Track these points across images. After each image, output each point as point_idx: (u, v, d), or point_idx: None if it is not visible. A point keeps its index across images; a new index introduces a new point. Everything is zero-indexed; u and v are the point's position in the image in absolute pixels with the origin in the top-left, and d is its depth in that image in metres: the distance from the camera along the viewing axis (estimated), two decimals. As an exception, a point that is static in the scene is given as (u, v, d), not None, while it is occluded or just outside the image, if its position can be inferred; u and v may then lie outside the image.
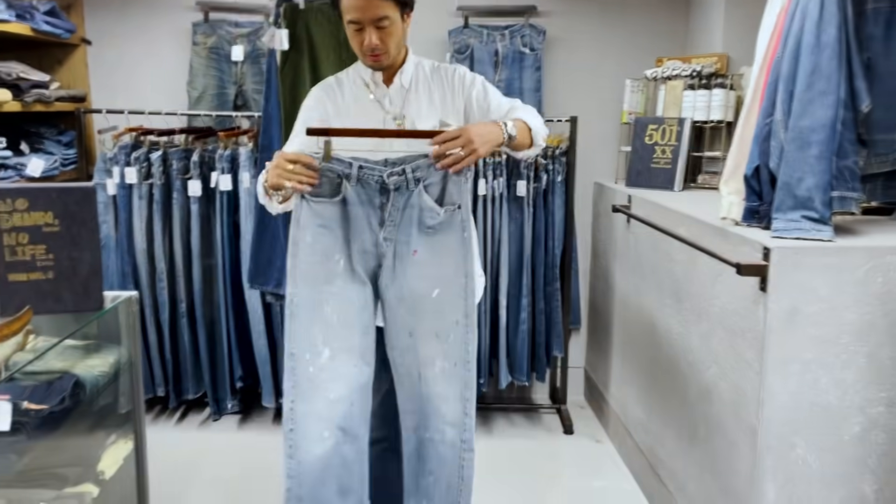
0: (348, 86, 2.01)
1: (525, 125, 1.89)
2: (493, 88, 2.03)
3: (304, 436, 1.77)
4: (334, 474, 1.77)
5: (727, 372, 2.09)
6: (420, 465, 1.88)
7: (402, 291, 1.83)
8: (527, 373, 3.35)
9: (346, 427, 1.78)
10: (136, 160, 3.12)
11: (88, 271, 1.78)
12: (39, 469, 1.75)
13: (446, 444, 1.85)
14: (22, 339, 1.65)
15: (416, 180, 1.79)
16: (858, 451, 1.90)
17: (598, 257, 3.50)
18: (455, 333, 1.85)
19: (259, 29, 3.38)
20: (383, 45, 1.87)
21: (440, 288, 1.84)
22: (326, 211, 1.78)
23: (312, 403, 1.77)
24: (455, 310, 1.85)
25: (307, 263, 1.80)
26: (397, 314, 1.84)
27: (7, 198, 1.70)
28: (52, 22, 3.11)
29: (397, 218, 1.80)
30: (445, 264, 1.84)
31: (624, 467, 3.01)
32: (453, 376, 1.85)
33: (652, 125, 3.10)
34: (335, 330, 1.79)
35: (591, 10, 3.49)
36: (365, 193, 1.78)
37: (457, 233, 1.84)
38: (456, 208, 1.84)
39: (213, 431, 3.30)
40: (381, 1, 1.81)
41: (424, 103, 1.97)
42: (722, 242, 2.07)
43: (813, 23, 1.89)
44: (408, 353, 1.85)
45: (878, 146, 1.99)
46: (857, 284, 1.84)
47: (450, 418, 1.85)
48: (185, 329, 3.25)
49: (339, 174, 1.76)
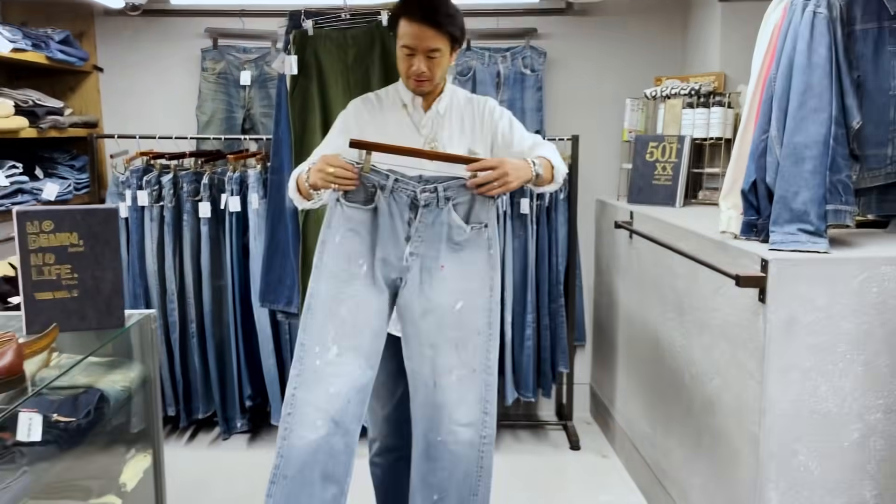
0: (387, 104, 2.11)
1: (549, 164, 2.01)
2: (519, 123, 2.15)
3: (299, 421, 1.87)
4: (321, 461, 1.86)
5: (729, 382, 2.14)
6: (429, 465, 1.95)
7: (428, 304, 1.92)
8: (533, 389, 3.40)
9: (339, 421, 1.87)
10: (147, 183, 3.19)
11: (111, 290, 1.85)
12: (65, 480, 1.80)
13: (461, 443, 1.93)
14: (47, 356, 1.71)
15: (447, 199, 1.89)
16: (858, 458, 1.94)
17: (602, 273, 3.56)
18: (475, 343, 1.94)
19: (266, 54, 3.47)
20: (429, 73, 1.98)
21: (464, 301, 1.94)
22: (358, 216, 1.90)
23: (313, 393, 1.87)
24: (477, 321, 1.95)
25: (332, 262, 1.91)
26: (420, 327, 1.93)
27: (34, 219, 1.77)
28: (66, 50, 3.21)
29: (425, 234, 1.90)
30: (471, 279, 1.95)
31: (630, 481, 3.04)
32: (471, 382, 1.94)
33: (652, 143, 3.17)
34: (347, 329, 1.89)
35: (590, 32, 3.58)
36: (396, 206, 1.88)
37: (483, 249, 1.97)
38: (482, 226, 1.96)
39: (224, 450, 3.34)
40: (435, 34, 1.93)
41: (456, 130, 2.08)
42: (722, 256, 2.14)
43: (804, 43, 1.97)
44: (426, 363, 1.93)
45: (871, 161, 2.06)
46: (852, 294, 1.90)
47: (465, 420, 1.93)
48: (195, 349, 3.30)
49: (375, 184, 1.87)
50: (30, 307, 1.80)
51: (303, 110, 2.72)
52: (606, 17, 3.55)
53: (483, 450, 1.97)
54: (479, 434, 1.95)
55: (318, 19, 2.75)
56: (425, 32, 1.93)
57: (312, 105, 2.71)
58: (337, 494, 1.88)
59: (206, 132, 3.43)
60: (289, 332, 3.26)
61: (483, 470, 1.98)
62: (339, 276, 1.91)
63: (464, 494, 1.97)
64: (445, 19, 1.95)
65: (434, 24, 1.93)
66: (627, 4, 3.51)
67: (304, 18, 2.75)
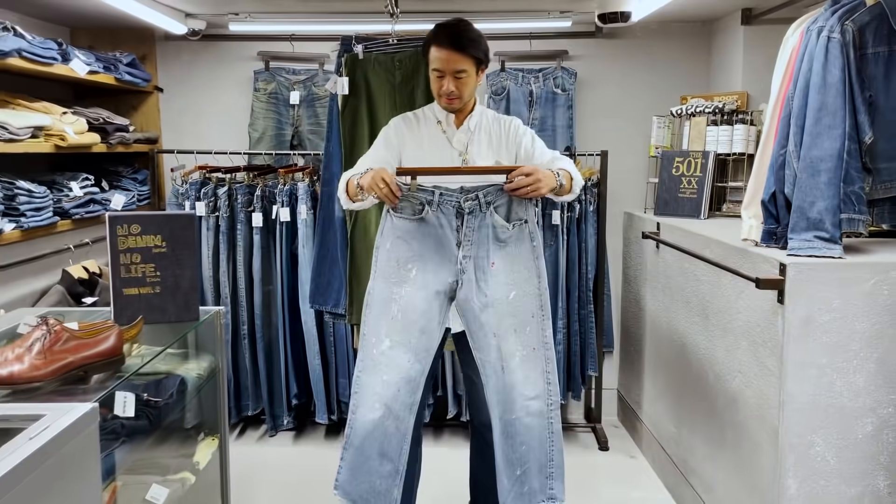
0: (423, 121, 2.38)
1: (570, 176, 2.24)
2: (540, 140, 2.40)
3: (362, 401, 2.14)
4: (378, 439, 2.11)
5: (751, 380, 2.29)
6: (509, 442, 2.18)
7: (487, 299, 2.15)
8: (563, 392, 3.56)
9: (390, 406, 2.11)
10: (204, 195, 3.43)
11: (188, 287, 2.06)
12: (149, 457, 2.01)
13: (532, 415, 2.16)
14: (129, 346, 1.92)
15: (488, 203, 2.14)
16: (872, 449, 2.09)
17: (629, 283, 3.72)
18: (531, 325, 2.19)
19: (314, 75, 3.72)
20: (458, 92, 2.24)
21: (515, 290, 2.18)
22: (405, 226, 2.15)
23: (372, 378, 2.14)
24: (530, 306, 2.19)
25: (384, 266, 2.18)
26: (483, 320, 2.16)
27: (123, 223, 2.00)
28: (133, 72, 3.48)
29: (473, 237, 2.14)
30: (518, 270, 2.19)
31: (657, 479, 3.19)
32: (533, 359, 2.19)
33: (678, 158, 3.34)
34: (397, 326, 2.14)
35: (618, 53, 3.77)
36: (444, 217, 2.13)
37: (526, 242, 2.21)
38: (523, 222, 2.19)
39: (271, 446, 3.54)
40: (461, 57, 2.21)
41: (484, 145, 2.33)
42: (743, 262, 2.30)
43: (820, 65, 2.14)
44: (493, 351, 2.17)
45: (883, 174, 2.21)
46: (865, 296, 2.05)
47: (532, 394, 2.17)
48: (245, 350, 3.52)
49: (423, 201, 2.12)
50: (118, 301, 2.03)
51: (353, 127, 2.94)
52: (634, 40, 3.74)
53: (551, 416, 2.20)
54: (546, 403, 2.19)
55: (368, 44, 2.98)
56: (452, 56, 2.20)
57: (361, 123, 2.94)
58: (392, 471, 2.11)
59: (258, 148, 3.67)
60: (333, 334, 3.46)
61: (554, 434, 2.21)
62: (390, 278, 2.17)
63: (542, 462, 2.20)
64: (469, 44, 2.22)
65: (459, 48, 2.20)
66: (654, 28, 3.69)
67: (355, 43, 2.98)
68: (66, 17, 3.40)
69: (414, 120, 2.38)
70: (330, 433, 3.65)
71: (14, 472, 1.16)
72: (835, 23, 2.14)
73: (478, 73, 2.29)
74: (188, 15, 3.45)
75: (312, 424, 3.67)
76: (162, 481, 1.92)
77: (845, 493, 2.10)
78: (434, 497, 2.91)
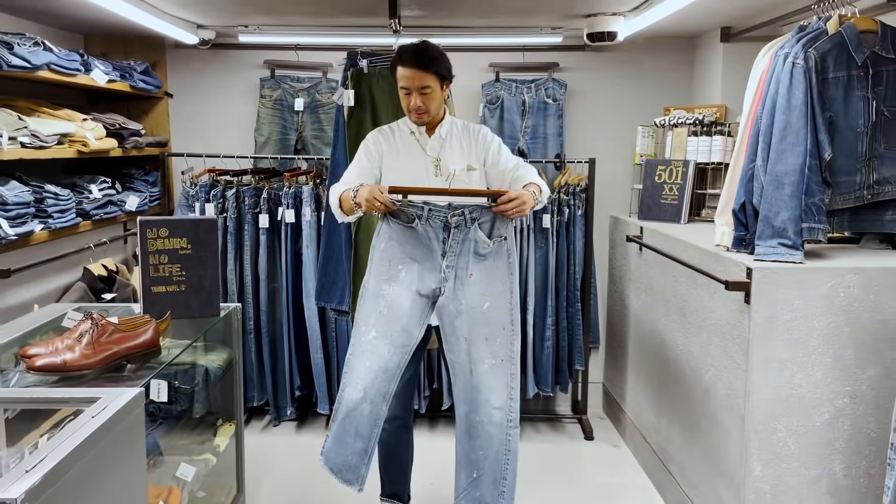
0: (398, 132, 2.59)
1: (541, 189, 2.41)
2: (505, 148, 2.59)
3: (349, 381, 2.35)
4: (356, 418, 2.32)
5: (721, 373, 2.52)
6: (471, 443, 2.36)
7: (461, 306, 2.34)
8: (551, 385, 3.78)
9: (367, 391, 2.31)
10: (213, 197, 3.63)
11: (211, 285, 2.27)
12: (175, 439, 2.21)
13: (494, 424, 2.33)
14: (159, 339, 2.11)
15: (472, 220, 2.33)
16: (828, 435, 2.32)
17: (615, 282, 3.94)
18: (502, 337, 2.36)
19: (318, 83, 3.91)
20: (425, 107, 2.45)
21: (490, 301, 2.36)
22: (399, 229, 2.36)
23: (359, 361, 2.35)
24: (502, 318, 2.37)
25: (377, 264, 2.39)
26: (456, 324, 2.35)
27: (153, 227, 2.20)
28: (146, 80, 3.66)
29: (457, 249, 2.34)
30: (494, 283, 2.37)
31: (638, 467, 3.42)
32: (500, 370, 2.35)
33: (661, 166, 3.56)
34: (382, 319, 2.35)
35: (606, 66, 3.99)
36: (432, 230, 2.33)
37: (503, 258, 2.39)
38: (503, 239, 2.39)
39: (275, 435, 3.75)
40: (424, 74, 2.42)
41: (456, 150, 2.54)
42: (716, 265, 2.52)
43: (785, 88, 2.36)
44: (463, 354, 2.35)
45: (842, 187, 2.43)
46: (823, 298, 2.28)
47: (497, 404, 2.33)
48: (251, 344, 3.71)
49: (414, 215, 2.31)
50: (147, 298, 2.23)
51: (358, 136, 3.14)
52: (621, 54, 3.96)
53: (510, 433, 2.37)
54: (507, 418, 2.36)
55: (373, 59, 3.18)
56: (416, 74, 2.41)
57: (366, 131, 3.08)
58: (362, 450, 2.34)
59: (263, 152, 3.87)
60: (335, 330, 3.67)
61: (510, 453, 2.37)
62: (381, 275, 2.39)
63: (496, 476, 2.37)
64: (431, 62, 2.43)
65: (422, 66, 2.42)
66: (641, 43, 3.91)
67: (361, 58, 3.18)
68: (81, 25, 3.58)
69: (389, 132, 2.59)
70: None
71: (83, 445, 1.36)
72: (799, 50, 2.36)
73: (442, 88, 2.49)
74: (199, 26, 3.64)
75: (314, 415, 3.88)
76: (189, 461, 2.12)
77: (805, 476, 2.33)
78: (428, 481, 3.13)
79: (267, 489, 3.15)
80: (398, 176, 2.47)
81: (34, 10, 3.11)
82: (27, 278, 2.96)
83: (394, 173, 2.49)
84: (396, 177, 2.47)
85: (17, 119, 2.61)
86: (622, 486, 3.25)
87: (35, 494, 1.19)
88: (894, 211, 2.48)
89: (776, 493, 2.34)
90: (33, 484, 1.19)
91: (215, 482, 2.33)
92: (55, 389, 1.67)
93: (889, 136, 2.42)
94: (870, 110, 2.40)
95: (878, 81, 2.40)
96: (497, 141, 2.60)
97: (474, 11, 3.27)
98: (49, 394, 1.64)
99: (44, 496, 1.22)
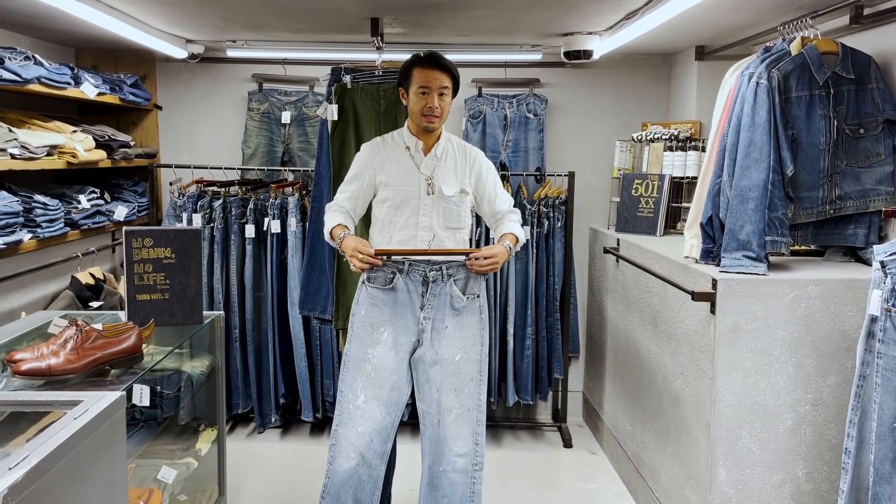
0: (392, 146, 2.61)
1: (517, 240, 2.55)
2: (499, 182, 2.69)
3: (339, 452, 2.44)
4: (353, 486, 2.42)
5: (690, 380, 2.60)
6: (433, 493, 2.48)
7: (436, 356, 2.46)
8: (531, 393, 3.86)
9: (364, 455, 2.41)
10: (201, 207, 3.70)
11: (194, 293, 2.34)
12: (158, 444, 2.28)
13: (457, 471, 2.46)
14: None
15: (449, 275, 2.47)
16: (791, 441, 2.40)
17: (594, 293, 4.03)
18: (469, 387, 2.50)
19: (305, 97, 4.00)
20: (440, 109, 2.49)
21: (461, 354, 2.48)
22: (378, 294, 2.47)
23: (348, 430, 2.43)
24: (471, 370, 2.51)
25: (359, 329, 2.48)
26: (430, 373, 2.47)
27: (138, 237, 2.27)
28: (136, 92, 3.74)
29: (434, 302, 2.46)
30: (466, 336, 2.50)
31: (615, 473, 3.49)
32: (466, 419, 2.48)
33: (637, 180, 3.66)
34: (370, 383, 2.44)
35: (586, 82, 4.09)
36: (412, 284, 2.46)
37: (475, 314, 2.52)
38: (476, 297, 2.52)
39: (259, 441, 3.80)
40: (444, 76, 2.49)
41: (450, 171, 2.58)
42: (685, 276, 2.61)
43: (749, 107, 2.46)
44: (434, 404, 2.47)
45: (805, 201, 2.53)
46: (785, 308, 2.37)
47: (461, 451, 2.46)
48: (237, 352, 3.78)
49: (395, 270, 2.45)
50: (132, 306, 2.30)
51: (341, 149, 3.23)
52: (601, 70, 4.06)
53: (475, 476, 2.49)
54: (472, 462, 2.49)
55: (356, 75, 3.27)
56: (437, 74, 2.48)
57: (349, 146, 3.22)
58: None
59: (251, 164, 3.95)
60: (319, 338, 3.74)
61: (475, 496, 2.50)
62: (364, 340, 2.48)
63: None
64: (450, 64, 2.53)
65: (442, 67, 2.50)
66: (619, 60, 4.02)
67: (344, 74, 3.27)
68: (73, 39, 3.65)
69: (382, 145, 2.61)
70: (315, 430, 3.92)
71: (65, 445, 1.43)
72: (763, 70, 2.46)
73: (453, 94, 2.56)
74: (188, 41, 3.72)
75: (298, 422, 3.94)
76: (170, 464, 2.18)
77: (768, 480, 2.42)
78: (408, 487, 3.19)
79: (249, 493, 3.21)
80: (391, 194, 2.52)
81: (26, 24, 3.18)
82: (15, 286, 3.03)
83: (388, 191, 2.53)
84: (390, 195, 2.52)
85: (7, 131, 2.69)
86: (597, 492, 3.32)
87: (17, 490, 1.26)
88: (856, 225, 2.58)
89: (741, 497, 2.42)
90: (16, 480, 1.26)
91: (197, 486, 2.39)
92: (40, 393, 1.74)
93: (850, 154, 2.52)
94: (831, 128, 2.50)
95: (840, 101, 2.50)
96: (493, 171, 2.66)
97: (455, 30, 3.37)
98: (34, 397, 1.71)
99: (26, 492, 1.28)
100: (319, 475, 3.34)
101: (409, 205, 2.51)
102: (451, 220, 2.55)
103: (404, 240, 2.50)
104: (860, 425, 1.95)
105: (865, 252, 2.58)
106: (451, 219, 2.54)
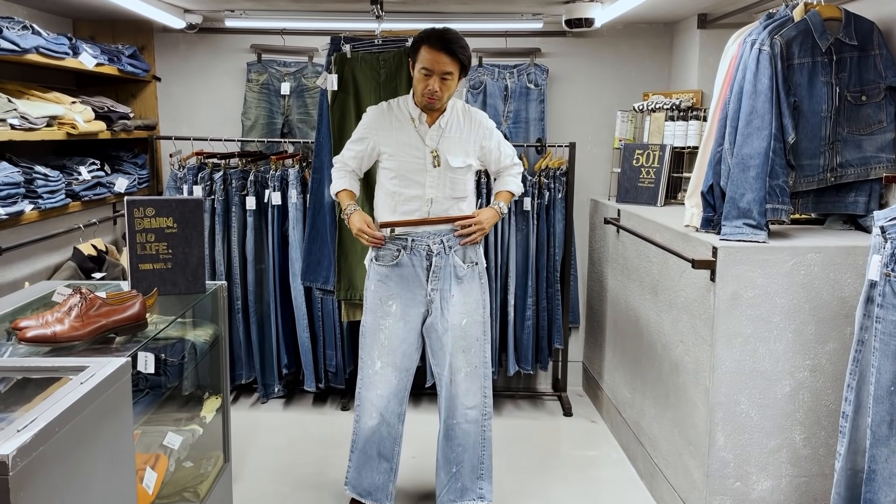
0: (398, 113, 2.63)
1: (511, 195, 2.78)
2: (504, 141, 2.77)
3: (363, 412, 2.69)
4: (376, 442, 2.68)
5: (689, 348, 2.62)
6: (449, 444, 2.69)
7: (446, 324, 2.63)
8: (532, 363, 3.88)
9: (384, 415, 2.65)
10: (201, 179, 3.69)
11: (196, 263, 2.34)
12: (163, 411, 2.30)
13: (469, 422, 2.67)
14: (146, 314, 2.19)
15: (450, 247, 2.61)
16: (789, 407, 2.43)
17: (594, 263, 4.04)
18: (476, 347, 2.68)
19: (304, 68, 3.97)
20: (440, 93, 2.50)
21: (467, 318, 2.65)
22: (385, 271, 2.62)
23: (369, 393, 2.67)
24: (476, 331, 2.67)
25: (371, 303, 2.66)
26: (443, 340, 2.63)
27: (140, 206, 2.27)
28: (134, 63, 3.72)
29: (439, 273, 2.61)
30: (469, 302, 2.65)
31: (614, 441, 3.53)
32: (474, 375, 2.69)
33: (638, 150, 3.65)
34: (385, 351, 2.64)
35: (587, 52, 4.06)
36: (416, 258, 2.59)
37: (476, 280, 2.68)
38: (474, 264, 2.67)
39: (262, 412, 3.84)
40: (450, 60, 2.47)
41: (455, 142, 2.60)
42: (685, 245, 2.62)
43: (752, 74, 2.45)
44: (446, 367, 2.66)
45: (806, 169, 2.53)
46: (785, 276, 2.38)
47: (471, 404, 2.66)
48: (239, 324, 3.80)
49: (400, 246, 2.58)
50: (135, 275, 2.30)
51: (341, 120, 3.22)
52: (602, 39, 4.03)
53: (484, 424, 2.70)
54: (482, 413, 2.68)
55: (356, 44, 3.25)
56: (442, 58, 2.46)
57: (349, 116, 3.21)
58: (388, 469, 2.72)
59: (250, 135, 3.94)
60: (321, 309, 3.75)
61: (485, 441, 2.70)
62: (376, 312, 2.64)
63: (474, 464, 2.69)
64: (458, 49, 2.49)
65: (450, 51, 2.47)
66: (620, 29, 3.99)
67: (344, 43, 3.25)
68: (70, 9, 3.62)
69: (387, 110, 2.63)
70: (317, 400, 3.96)
71: (72, 408, 1.45)
72: (765, 37, 2.45)
73: (459, 79, 2.54)
74: (186, 11, 3.69)
75: (301, 392, 3.98)
76: (176, 431, 2.21)
77: (766, 445, 2.45)
78: (411, 454, 3.23)
79: (254, 460, 3.25)
80: (396, 165, 2.55)
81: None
82: (18, 257, 3.04)
83: (392, 161, 2.56)
84: (394, 166, 2.55)
85: (6, 101, 2.68)
86: (597, 458, 3.36)
87: (26, 452, 1.28)
88: (857, 193, 2.58)
89: (739, 462, 2.45)
90: (24, 442, 1.27)
91: (202, 452, 2.43)
92: (46, 359, 1.75)
93: (852, 121, 2.51)
94: (833, 95, 2.49)
95: (842, 67, 2.49)
96: (497, 134, 2.74)
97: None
98: (40, 363, 1.72)
99: (34, 454, 1.30)
100: (322, 444, 3.41)
101: (415, 177, 2.55)
102: (457, 189, 2.62)
103: (409, 211, 2.55)
104: (858, 389, 1.97)
105: (865, 220, 2.58)
106: (457, 188, 2.62)
